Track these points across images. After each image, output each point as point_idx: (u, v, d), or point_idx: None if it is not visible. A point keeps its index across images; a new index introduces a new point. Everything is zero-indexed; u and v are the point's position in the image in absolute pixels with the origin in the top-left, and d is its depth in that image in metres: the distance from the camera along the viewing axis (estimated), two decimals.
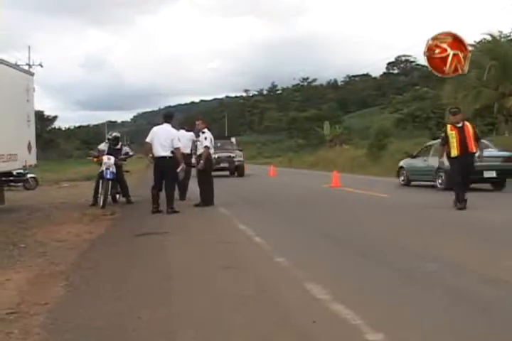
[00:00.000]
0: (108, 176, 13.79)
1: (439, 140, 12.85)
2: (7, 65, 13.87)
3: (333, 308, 4.73)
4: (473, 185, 14.43)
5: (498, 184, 16.93)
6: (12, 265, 6.95)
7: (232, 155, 29.04)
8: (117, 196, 15.13)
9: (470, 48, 31.65)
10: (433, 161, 16.14)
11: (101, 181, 13.99)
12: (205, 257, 7.30)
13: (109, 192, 13.98)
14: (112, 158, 14.11)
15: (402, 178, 20.35)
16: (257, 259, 7.09)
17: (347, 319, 4.42)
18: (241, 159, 29.84)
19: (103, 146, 15.07)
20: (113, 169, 13.94)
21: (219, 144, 26.64)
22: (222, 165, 27.52)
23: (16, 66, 16.39)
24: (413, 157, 19.82)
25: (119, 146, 15.02)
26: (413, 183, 19.59)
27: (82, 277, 6.25)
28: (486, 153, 13.92)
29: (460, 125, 11.79)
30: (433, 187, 17.34)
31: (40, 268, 6.76)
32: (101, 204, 13.55)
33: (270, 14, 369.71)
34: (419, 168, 18.97)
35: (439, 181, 16.93)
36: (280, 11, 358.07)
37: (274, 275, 6.17)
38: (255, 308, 4.83)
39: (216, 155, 23.82)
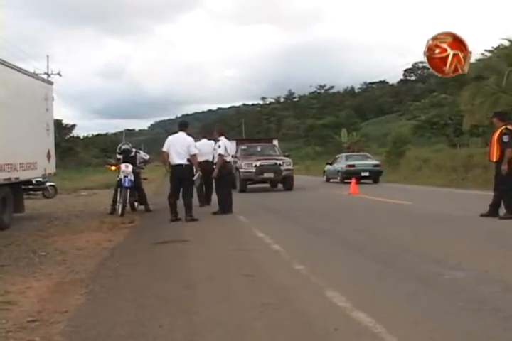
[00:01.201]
0: (126, 184, 13.72)
1: (342, 154, 14.93)
2: (27, 75, 13.99)
3: (354, 316, 4.70)
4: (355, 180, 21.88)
5: (374, 179, 28.61)
6: (32, 273, 6.99)
7: (278, 162, 22.70)
8: (135, 204, 15.03)
9: (487, 53, 31.70)
10: (337, 166, 30.12)
11: (119, 189, 13.91)
12: (224, 265, 7.28)
13: (127, 201, 13.90)
14: (130, 166, 14.06)
15: (325, 177, 32.60)
16: (277, 267, 7.05)
17: (369, 327, 4.39)
18: (290, 167, 23.21)
19: (120, 156, 15.01)
20: (131, 177, 13.89)
21: (259, 149, 24.56)
22: (266, 175, 22.64)
23: (35, 75, 16.52)
24: (330, 164, 31.89)
25: (132, 154, 14.94)
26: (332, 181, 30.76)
27: (102, 285, 6.25)
28: (363, 162, 29.38)
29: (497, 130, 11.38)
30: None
31: (61, 276, 6.79)
32: (119, 212, 13.51)
33: (286, 22, 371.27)
34: (332, 170, 31.15)
35: (339, 178, 29.35)
36: (296, 19, 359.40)
37: (294, 282, 6.13)
38: (276, 316, 4.80)
39: (258, 163, 22.45)
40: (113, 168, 15.17)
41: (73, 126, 76.80)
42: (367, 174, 28.22)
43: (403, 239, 9.13)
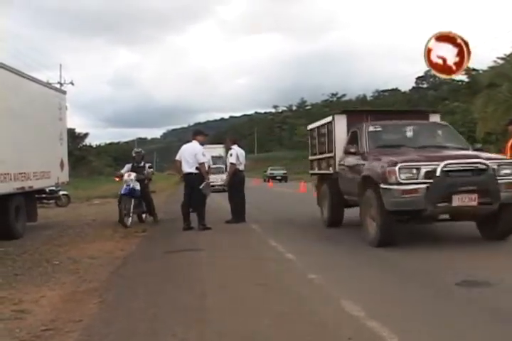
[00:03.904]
0: (123, 191, 13.35)
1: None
2: (41, 84, 14.09)
3: (368, 325, 4.67)
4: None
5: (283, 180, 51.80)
6: (46, 282, 7.00)
7: (482, 165, 8.73)
8: (143, 216, 14.55)
9: (499, 60, 31.51)
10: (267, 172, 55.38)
11: (119, 197, 13.64)
12: (238, 274, 7.27)
13: (131, 210, 13.39)
14: (133, 175, 13.62)
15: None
16: (290, 276, 7.03)
17: (383, 336, 4.36)
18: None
19: (126, 168, 14.30)
20: (134, 185, 13.46)
21: (410, 132, 10.70)
22: (460, 201, 8.54)
23: (48, 85, 16.63)
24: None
25: (142, 164, 14.48)
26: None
27: (115, 294, 6.26)
28: (276, 172, 59.48)
29: None
30: None
31: (74, 285, 6.80)
32: (126, 222, 13.04)
33: (296, 30, 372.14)
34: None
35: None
36: (307, 27, 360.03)
37: (307, 292, 6.11)
38: (289, 325, 4.78)
39: (437, 167, 8.31)
40: (118, 179, 14.48)
41: (86, 134, 76.89)
42: (280, 177, 55.23)
43: (420, 246, 9.05)
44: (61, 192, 21.24)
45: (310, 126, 14.35)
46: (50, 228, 13.60)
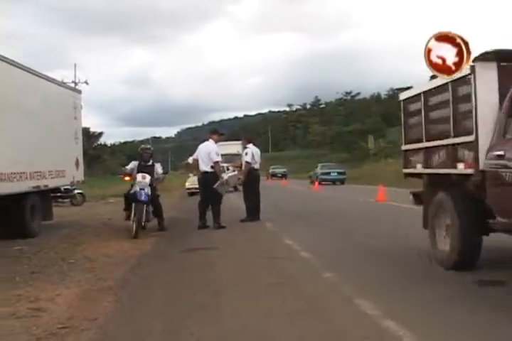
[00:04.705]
0: (143, 198, 11.37)
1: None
2: (56, 84, 14.17)
3: (384, 324, 4.64)
4: None
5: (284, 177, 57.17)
6: (62, 280, 7.02)
7: None
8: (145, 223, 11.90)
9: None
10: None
11: (134, 205, 11.46)
12: (252, 273, 7.26)
13: (143, 218, 11.45)
14: (148, 177, 11.73)
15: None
16: (305, 275, 7.02)
17: (398, 336, 4.33)
18: None
19: (132, 165, 12.34)
20: (148, 190, 11.61)
21: None
22: None
23: (63, 84, 16.71)
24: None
25: (150, 163, 12.39)
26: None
27: (131, 293, 6.27)
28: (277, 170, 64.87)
29: None
30: None
31: (89, 283, 6.82)
32: (133, 232, 11.12)
33: (310, 29, 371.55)
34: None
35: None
36: (320, 26, 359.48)
37: (322, 290, 6.10)
38: (305, 324, 4.77)
39: None
40: (127, 178, 12.51)
41: (100, 133, 77.15)
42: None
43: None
44: (76, 191, 21.32)
45: (405, 95, 9.16)
46: (66, 227, 13.66)
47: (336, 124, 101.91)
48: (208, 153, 12.53)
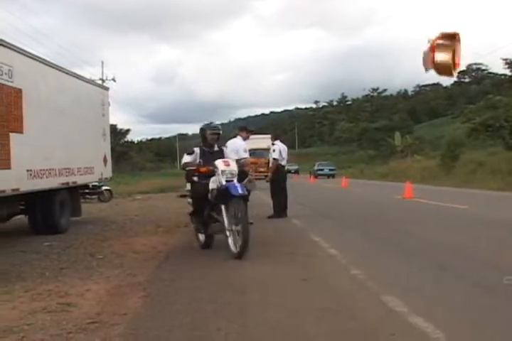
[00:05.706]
0: (240, 191, 8.06)
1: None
2: (85, 81, 14.29)
3: (411, 321, 4.63)
4: None
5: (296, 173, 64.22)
6: (91, 275, 7.09)
7: None
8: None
9: None
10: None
11: (223, 207, 8.23)
12: (280, 269, 7.25)
13: (248, 221, 8.03)
14: (233, 163, 8.76)
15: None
16: (333, 271, 7.00)
17: (426, 332, 4.32)
18: None
19: (193, 155, 9.13)
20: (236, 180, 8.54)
21: None
22: None
23: (92, 81, 16.83)
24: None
25: (216, 148, 9.46)
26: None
27: (159, 288, 6.30)
28: (291, 167, 54.96)
29: None
30: None
31: (118, 279, 6.87)
32: (237, 250, 7.98)
33: (336, 25, 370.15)
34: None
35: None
36: (347, 22, 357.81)
37: (350, 287, 6.08)
38: (332, 321, 4.76)
39: None
40: (200, 171, 8.71)
41: (128, 130, 77.53)
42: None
43: (460, 243, 8.95)
44: (104, 188, 21.45)
45: None
46: (94, 223, 13.80)
47: (363, 121, 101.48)
48: (236, 150, 12.50)
